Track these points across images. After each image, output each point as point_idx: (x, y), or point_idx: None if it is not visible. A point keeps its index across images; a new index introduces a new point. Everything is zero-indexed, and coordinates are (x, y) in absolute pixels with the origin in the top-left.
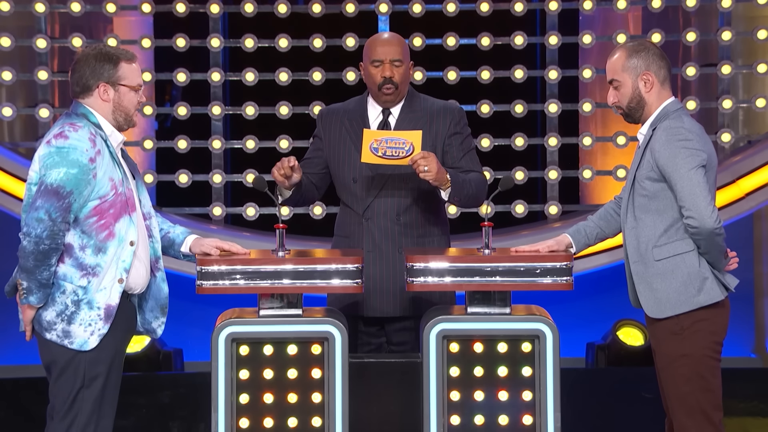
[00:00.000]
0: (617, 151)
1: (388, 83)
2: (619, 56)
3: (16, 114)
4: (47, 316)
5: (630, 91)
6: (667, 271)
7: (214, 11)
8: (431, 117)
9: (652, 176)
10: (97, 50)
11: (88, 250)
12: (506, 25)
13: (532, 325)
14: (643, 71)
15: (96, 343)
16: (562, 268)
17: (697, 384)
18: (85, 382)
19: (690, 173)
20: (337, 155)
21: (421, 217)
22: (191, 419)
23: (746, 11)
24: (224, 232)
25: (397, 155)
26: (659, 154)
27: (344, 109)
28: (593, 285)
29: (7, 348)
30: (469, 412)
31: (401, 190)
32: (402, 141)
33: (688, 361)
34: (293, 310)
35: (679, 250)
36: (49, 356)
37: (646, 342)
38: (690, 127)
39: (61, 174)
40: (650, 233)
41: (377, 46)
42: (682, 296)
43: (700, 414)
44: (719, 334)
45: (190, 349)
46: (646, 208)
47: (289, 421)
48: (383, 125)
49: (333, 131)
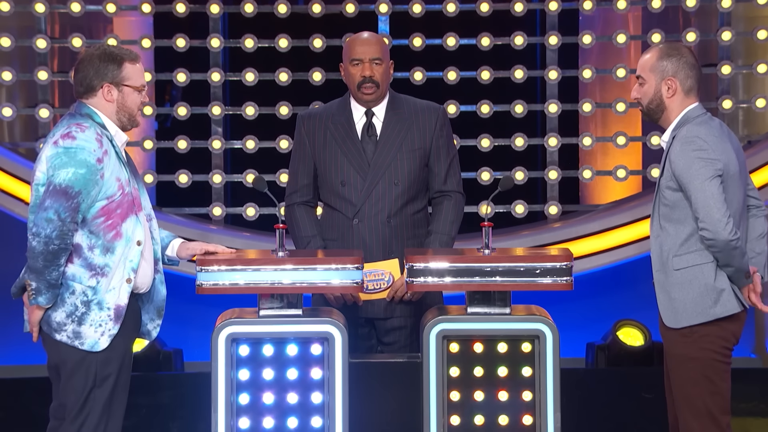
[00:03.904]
0: (617, 152)
1: (368, 82)
2: (651, 55)
3: (16, 114)
4: (57, 317)
5: (652, 92)
6: (685, 281)
7: (214, 11)
8: (416, 115)
9: (671, 186)
10: (101, 50)
11: (96, 250)
12: (506, 25)
13: (532, 325)
14: (668, 76)
15: (107, 344)
16: (562, 268)
17: (705, 387)
18: (97, 382)
19: (704, 184)
20: (323, 159)
21: (410, 219)
22: (191, 419)
23: (746, 11)
24: (224, 232)
25: (379, 287)
26: (675, 164)
27: (327, 112)
28: (593, 285)
29: (8, 348)
30: (469, 413)
31: (391, 193)
32: (381, 272)
33: (697, 364)
34: (293, 310)
35: (697, 261)
36: (59, 357)
37: (646, 342)
38: (706, 135)
39: (70, 174)
40: (672, 242)
41: (356, 46)
42: (698, 307)
43: (707, 416)
44: (730, 341)
45: (190, 350)
46: (668, 217)
47: (289, 421)
48: (368, 126)
49: (318, 136)
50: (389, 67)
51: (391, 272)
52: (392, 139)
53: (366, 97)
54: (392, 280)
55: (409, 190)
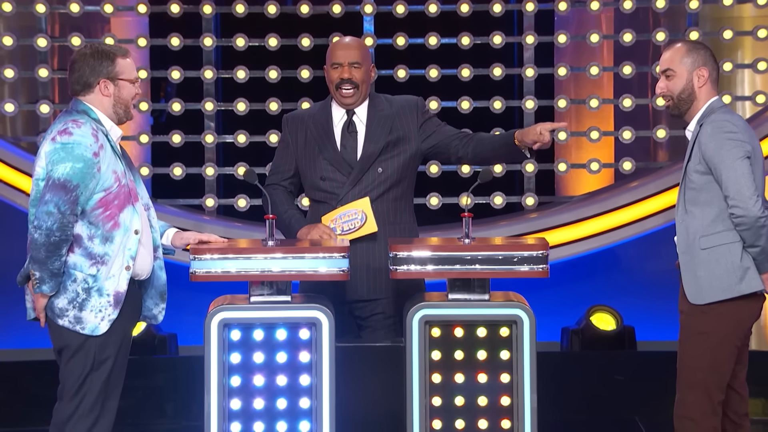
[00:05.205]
0: (590, 146)
1: (346, 83)
2: (678, 48)
3: (18, 110)
4: (59, 304)
5: (683, 83)
6: (711, 259)
7: (207, 12)
8: (397, 112)
9: (700, 169)
10: (93, 49)
11: (96, 240)
12: (485, 25)
13: (509, 311)
14: (699, 66)
15: (106, 328)
16: (538, 256)
17: (708, 362)
18: (95, 365)
19: (735, 163)
20: (304, 157)
21: (392, 204)
22: (185, 401)
23: (712, 12)
24: (217, 222)
25: (354, 227)
26: (706, 147)
27: (308, 113)
28: (568, 273)
29: (11, 332)
30: (450, 394)
31: (374, 180)
32: (354, 212)
33: (707, 338)
34: (282, 297)
35: (724, 240)
36: (61, 341)
37: (618, 327)
38: (735, 121)
39: (68, 168)
40: (698, 224)
41: (337, 50)
42: (723, 284)
43: (702, 391)
44: (745, 322)
45: (185, 334)
46: (695, 201)
47: (279, 402)
48: (348, 125)
49: (299, 135)
50: (370, 70)
51: (363, 210)
52: (378, 132)
53: (345, 99)
54: (365, 217)
55: (392, 177)
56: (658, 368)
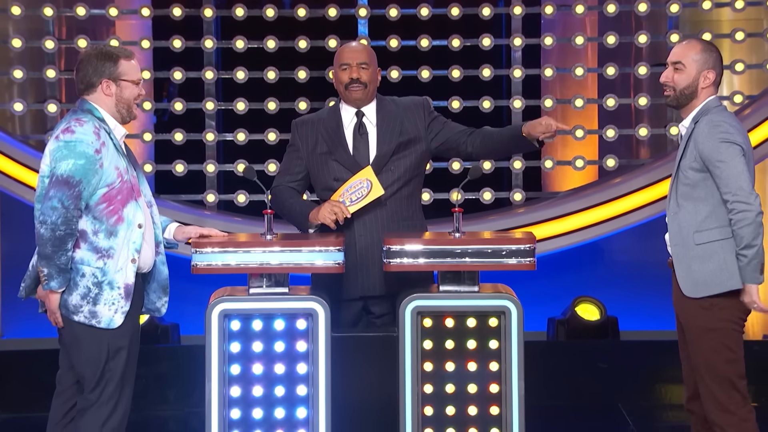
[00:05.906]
0: (575, 143)
1: (354, 83)
2: (693, 45)
3: (26, 109)
4: (73, 300)
5: (690, 80)
6: (705, 255)
7: (208, 15)
8: (405, 112)
9: (695, 166)
10: (98, 50)
11: (100, 234)
12: (475, 27)
13: (498, 302)
14: (709, 68)
15: (121, 321)
16: (525, 249)
17: (725, 355)
18: (110, 355)
19: (734, 160)
20: (315, 161)
21: (405, 201)
22: (187, 388)
23: (692, 16)
24: (217, 217)
25: (362, 195)
26: (703, 146)
27: (318, 117)
28: (554, 265)
29: (18, 322)
30: (441, 382)
31: (387, 179)
32: (359, 182)
33: (717, 334)
34: (280, 289)
35: (717, 237)
36: (76, 336)
37: (602, 317)
38: (730, 121)
39: (70, 165)
40: (691, 219)
41: (345, 53)
42: (717, 279)
43: (727, 382)
44: (745, 311)
45: (186, 324)
46: (688, 196)
47: (277, 389)
48: (358, 127)
49: (310, 139)
50: (376, 72)
51: (366, 177)
52: (388, 133)
53: (354, 94)
54: (370, 184)
55: (404, 176)
56: (639, 357)
